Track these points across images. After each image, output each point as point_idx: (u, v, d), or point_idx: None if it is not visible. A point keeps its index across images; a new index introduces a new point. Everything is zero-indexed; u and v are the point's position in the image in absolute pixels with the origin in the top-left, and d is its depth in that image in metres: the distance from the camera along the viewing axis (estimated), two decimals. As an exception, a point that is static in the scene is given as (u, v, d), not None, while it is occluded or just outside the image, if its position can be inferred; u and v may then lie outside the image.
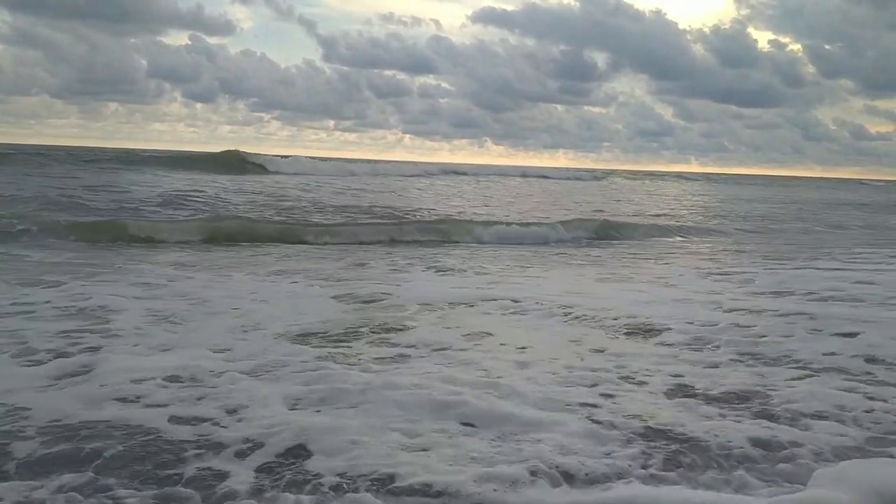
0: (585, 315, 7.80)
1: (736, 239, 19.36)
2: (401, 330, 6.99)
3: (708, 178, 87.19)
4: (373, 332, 6.86)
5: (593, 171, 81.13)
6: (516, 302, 8.43)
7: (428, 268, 11.61)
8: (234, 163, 36.69)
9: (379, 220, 18.23)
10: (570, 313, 7.85)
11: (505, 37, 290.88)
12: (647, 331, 7.14)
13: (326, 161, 51.62)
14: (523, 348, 6.35)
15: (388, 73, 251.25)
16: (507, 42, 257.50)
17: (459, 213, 22.20)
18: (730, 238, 19.64)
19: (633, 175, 79.64)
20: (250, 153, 39.89)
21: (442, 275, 10.97)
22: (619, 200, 34.13)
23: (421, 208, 22.79)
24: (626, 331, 7.16)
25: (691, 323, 7.40)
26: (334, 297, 8.59)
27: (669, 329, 7.13)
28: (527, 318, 7.75)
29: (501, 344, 6.53)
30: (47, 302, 7.52)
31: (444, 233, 16.29)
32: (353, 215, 19.73)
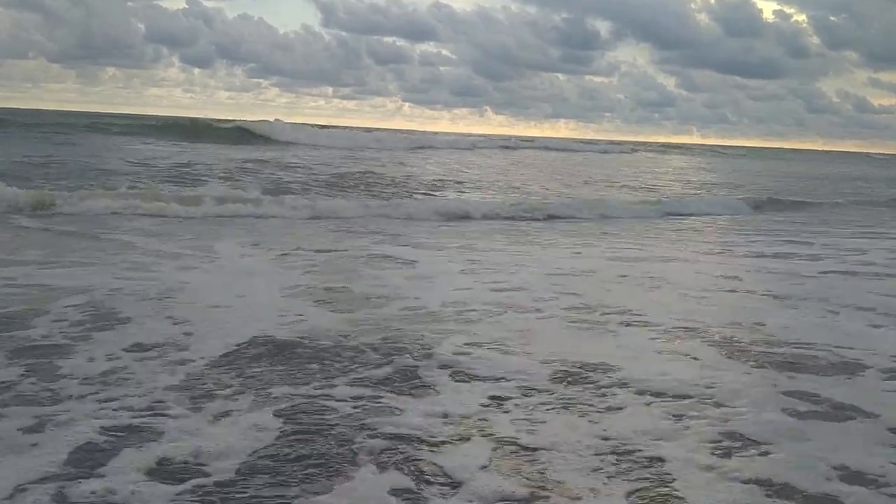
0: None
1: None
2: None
3: (754, 151, 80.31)
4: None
5: (618, 143, 75.23)
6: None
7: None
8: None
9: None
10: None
11: (507, 4, 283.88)
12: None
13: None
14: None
15: (388, 39, 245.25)
16: (509, 9, 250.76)
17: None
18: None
19: (661, 148, 73.42)
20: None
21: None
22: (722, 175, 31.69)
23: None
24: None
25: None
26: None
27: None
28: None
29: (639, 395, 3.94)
30: None
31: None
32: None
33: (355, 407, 3.49)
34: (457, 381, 3.89)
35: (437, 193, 16.54)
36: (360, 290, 6.24)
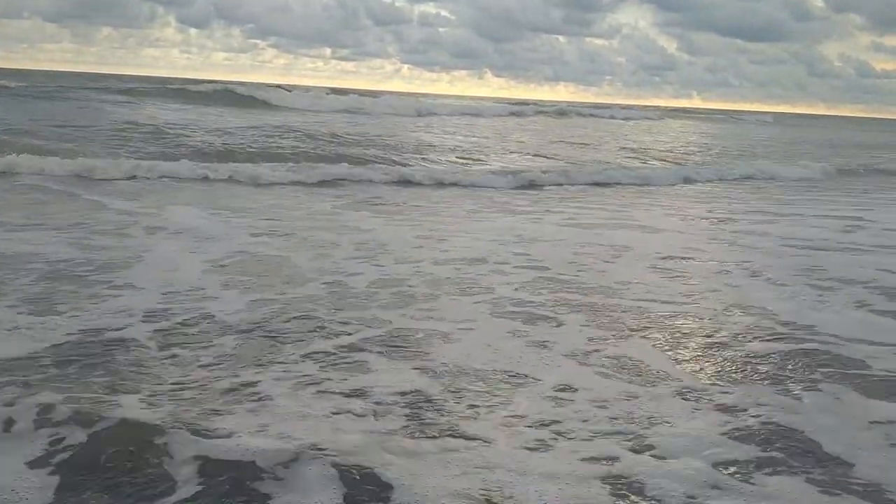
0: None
1: None
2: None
3: (763, 117, 74.53)
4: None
5: (636, 107, 69.89)
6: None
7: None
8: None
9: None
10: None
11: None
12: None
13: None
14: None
15: None
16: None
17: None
18: None
19: (674, 113, 67.00)
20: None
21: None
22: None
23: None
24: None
25: None
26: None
27: None
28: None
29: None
30: None
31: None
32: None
33: (174, 424, 2.74)
34: (315, 393, 3.09)
35: (425, 159, 15.59)
36: (297, 261, 5.59)
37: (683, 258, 6.31)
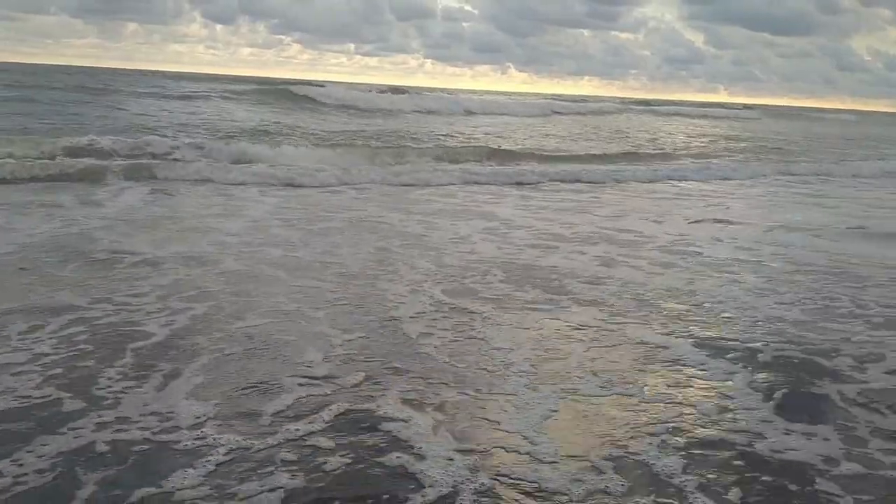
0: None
1: None
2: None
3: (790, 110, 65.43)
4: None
5: (668, 102, 62.46)
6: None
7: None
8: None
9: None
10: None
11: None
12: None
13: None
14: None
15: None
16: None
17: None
18: None
19: (720, 108, 57.56)
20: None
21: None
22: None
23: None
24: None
25: None
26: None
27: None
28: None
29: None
30: None
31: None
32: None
33: None
34: None
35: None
36: (139, 247, 6.00)
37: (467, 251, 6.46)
